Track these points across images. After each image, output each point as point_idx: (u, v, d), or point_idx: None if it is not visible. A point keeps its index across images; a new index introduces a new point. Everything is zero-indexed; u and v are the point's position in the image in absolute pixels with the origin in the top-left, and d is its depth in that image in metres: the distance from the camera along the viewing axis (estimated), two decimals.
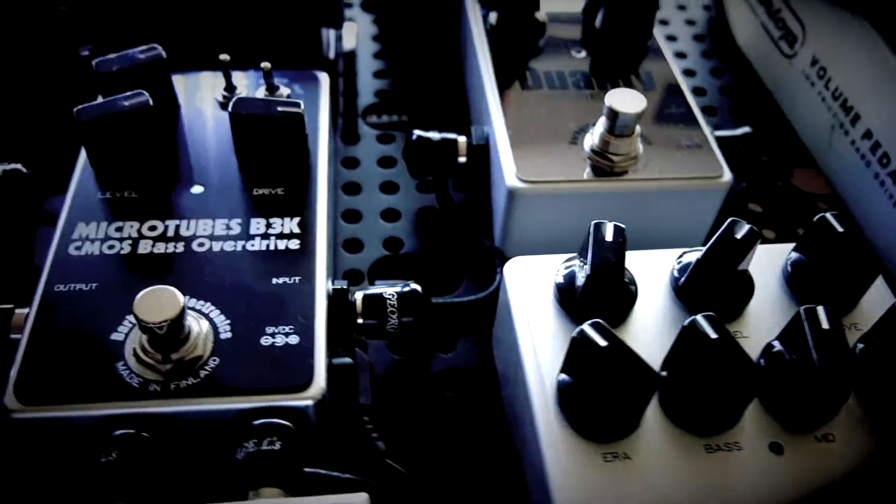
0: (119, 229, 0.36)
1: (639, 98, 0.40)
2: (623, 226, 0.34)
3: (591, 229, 0.34)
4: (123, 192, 0.38)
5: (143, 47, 0.40)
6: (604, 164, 0.41)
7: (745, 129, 0.48)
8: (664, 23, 0.65)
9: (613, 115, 0.40)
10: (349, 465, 0.33)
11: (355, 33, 0.58)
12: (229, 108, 0.38)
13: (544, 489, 0.30)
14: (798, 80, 0.54)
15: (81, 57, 0.45)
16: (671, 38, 0.64)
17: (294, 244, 0.36)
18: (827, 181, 0.52)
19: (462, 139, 0.46)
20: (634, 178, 0.41)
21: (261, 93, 0.43)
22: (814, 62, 0.52)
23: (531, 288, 0.36)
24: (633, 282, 0.35)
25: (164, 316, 0.30)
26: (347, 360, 0.35)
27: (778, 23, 0.56)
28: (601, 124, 0.41)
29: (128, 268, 0.35)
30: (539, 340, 0.34)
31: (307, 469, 0.31)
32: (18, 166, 0.39)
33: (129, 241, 0.36)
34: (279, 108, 0.38)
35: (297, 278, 0.35)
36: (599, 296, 0.33)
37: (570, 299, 0.34)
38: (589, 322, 0.30)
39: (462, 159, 0.46)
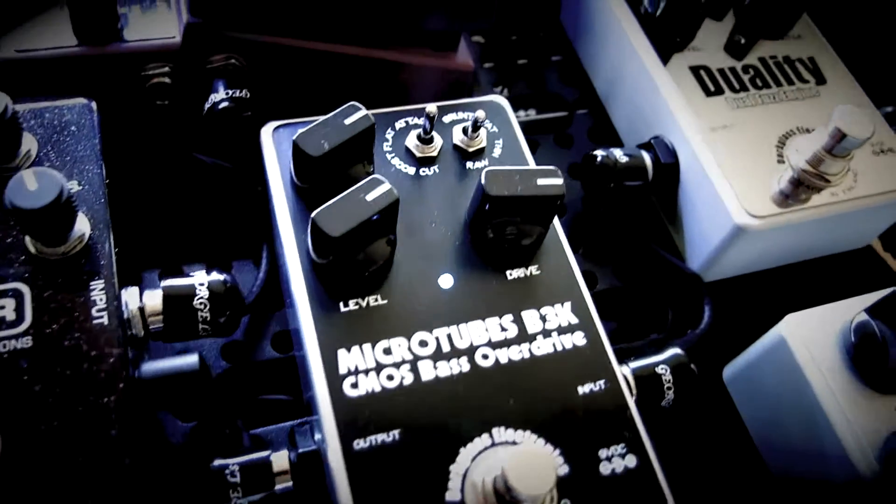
0: (388, 351, 0.31)
1: (867, 119, 0.38)
2: None
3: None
4: (368, 300, 0.32)
5: (345, 110, 0.33)
6: (820, 184, 0.40)
7: (893, 108, 0.47)
8: None
9: (840, 137, 0.38)
10: None
11: None
12: (482, 183, 0.32)
13: None
14: None
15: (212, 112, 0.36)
16: None
17: (580, 339, 0.33)
18: None
19: (647, 156, 0.42)
20: (853, 198, 0.40)
21: (458, 135, 0.37)
22: None
23: (818, 347, 0.35)
24: None
25: (544, 487, 0.26)
26: None
27: None
28: (816, 140, 0.39)
29: (421, 402, 0.30)
30: (847, 407, 0.33)
31: None
32: (227, 277, 0.32)
33: (408, 366, 0.31)
34: (540, 182, 0.32)
35: (601, 382, 0.32)
36: None
37: (872, 365, 0.34)
38: None
39: (650, 174, 0.42)
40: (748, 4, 0.46)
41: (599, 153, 0.42)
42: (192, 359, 0.31)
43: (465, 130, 0.37)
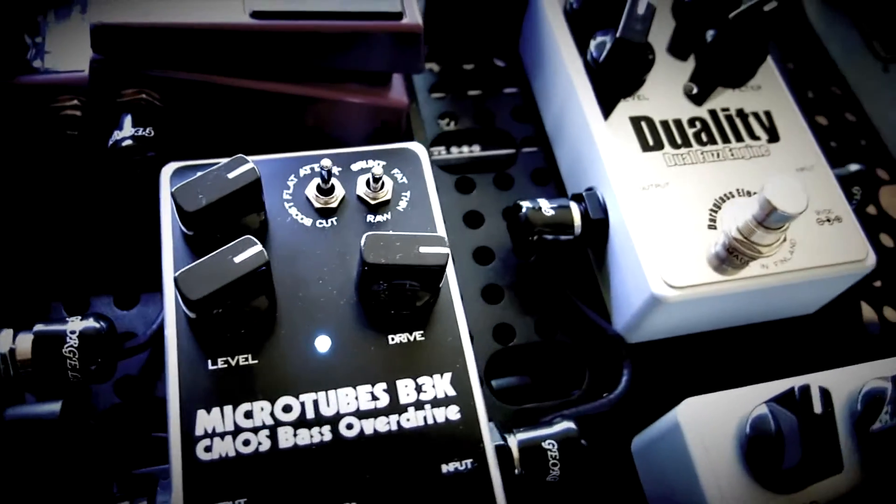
0: (249, 415, 0.30)
1: (801, 192, 0.36)
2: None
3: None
4: (238, 359, 0.31)
5: (228, 163, 0.32)
6: (751, 254, 0.38)
7: (858, 167, 0.45)
8: None
9: (770, 209, 0.36)
10: None
11: None
12: (361, 249, 0.31)
13: None
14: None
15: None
16: None
17: (454, 413, 0.32)
18: None
19: (576, 209, 0.41)
20: (783, 271, 0.38)
21: (361, 186, 0.36)
22: None
23: (713, 437, 0.33)
24: None
25: None
26: None
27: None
28: (748, 209, 0.37)
29: (274, 471, 0.29)
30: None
31: None
32: (102, 325, 0.32)
33: (267, 432, 0.30)
34: (422, 250, 0.31)
35: (468, 461, 0.31)
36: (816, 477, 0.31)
37: (765, 463, 0.32)
38: None
39: (578, 228, 0.40)
40: (708, 44, 0.44)
41: (525, 205, 0.40)
42: (53, 406, 0.31)
43: (368, 182, 0.36)
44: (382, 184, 0.36)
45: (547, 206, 0.40)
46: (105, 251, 0.40)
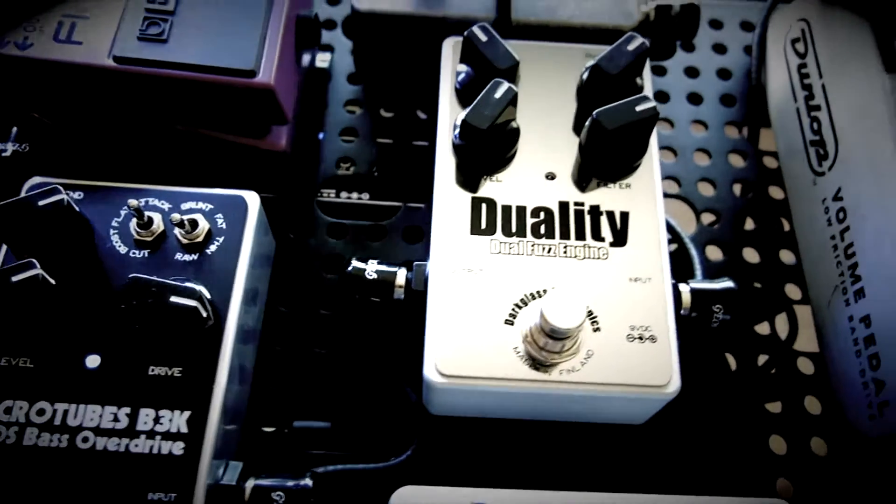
0: (8, 411, 0.35)
1: (578, 309, 0.36)
2: None
3: None
4: (18, 360, 0.36)
5: (43, 191, 0.37)
6: (539, 357, 0.38)
7: (727, 284, 0.43)
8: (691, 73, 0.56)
9: (545, 320, 0.36)
10: None
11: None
12: (121, 288, 0.35)
13: None
14: (816, 208, 0.46)
15: None
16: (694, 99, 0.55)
17: (178, 449, 0.35)
18: (819, 339, 0.46)
19: (402, 275, 0.42)
20: (568, 381, 0.38)
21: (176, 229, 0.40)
22: (837, 197, 0.45)
23: None
24: None
25: None
26: None
27: (814, 122, 0.47)
28: (538, 314, 0.37)
29: (11, 464, 0.34)
30: None
31: None
32: None
33: (17, 429, 0.35)
34: (173, 299, 0.35)
35: (172, 494, 0.34)
36: None
37: None
38: None
39: (399, 296, 0.42)
40: (583, 135, 0.43)
41: (353, 263, 0.42)
42: None
43: (178, 224, 0.39)
44: (196, 225, 0.39)
45: (372, 269, 0.42)
46: None
